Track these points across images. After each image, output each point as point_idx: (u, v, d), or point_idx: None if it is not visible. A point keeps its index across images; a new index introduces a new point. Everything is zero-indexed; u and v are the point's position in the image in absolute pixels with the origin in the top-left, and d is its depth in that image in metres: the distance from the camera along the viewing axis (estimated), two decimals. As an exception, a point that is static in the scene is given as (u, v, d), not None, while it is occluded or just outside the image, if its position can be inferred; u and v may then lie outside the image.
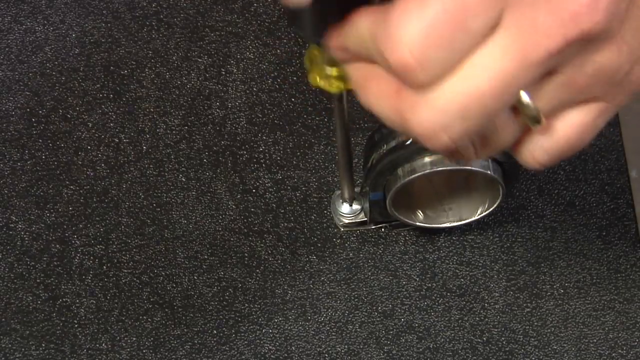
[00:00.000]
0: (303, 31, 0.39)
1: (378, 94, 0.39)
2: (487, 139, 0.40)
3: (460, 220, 0.57)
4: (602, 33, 0.36)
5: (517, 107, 0.38)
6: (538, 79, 0.37)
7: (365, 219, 0.58)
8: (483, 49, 0.36)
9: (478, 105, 0.37)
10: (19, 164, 0.60)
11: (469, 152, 0.40)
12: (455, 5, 0.35)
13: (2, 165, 0.60)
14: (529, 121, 0.39)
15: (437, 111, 0.37)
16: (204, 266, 0.58)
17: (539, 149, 0.41)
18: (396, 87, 0.38)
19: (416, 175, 0.50)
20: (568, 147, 0.40)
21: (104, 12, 0.64)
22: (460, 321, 0.57)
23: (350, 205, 0.58)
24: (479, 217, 0.56)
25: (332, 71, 0.42)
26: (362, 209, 0.58)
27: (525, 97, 0.38)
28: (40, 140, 0.61)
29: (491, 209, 0.56)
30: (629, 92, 0.40)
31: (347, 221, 0.58)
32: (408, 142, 0.50)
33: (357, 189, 0.57)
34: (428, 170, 0.50)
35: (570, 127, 0.40)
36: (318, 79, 0.42)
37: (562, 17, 0.36)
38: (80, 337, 0.57)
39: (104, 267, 0.58)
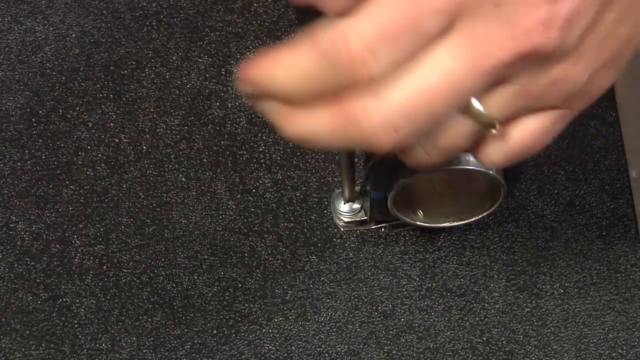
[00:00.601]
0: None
1: (314, 114, 0.38)
2: (439, 141, 0.40)
3: (461, 220, 0.57)
4: (555, 50, 0.37)
5: (469, 113, 0.39)
6: (488, 87, 0.38)
7: (365, 218, 0.58)
8: (434, 51, 0.37)
9: (425, 104, 0.37)
10: (19, 163, 0.60)
11: (419, 154, 0.41)
12: (408, 5, 0.36)
13: (2, 165, 0.60)
14: (482, 127, 0.39)
15: (385, 109, 0.37)
16: (204, 266, 0.58)
17: (495, 152, 0.41)
18: (337, 99, 0.37)
19: (418, 174, 0.50)
20: (524, 151, 0.41)
21: (104, 12, 0.64)
22: (460, 321, 0.57)
23: (351, 204, 0.58)
24: (480, 217, 0.56)
25: None
26: (361, 208, 0.58)
27: (475, 104, 0.38)
28: (40, 140, 0.61)
29: (492, 209, 0.55)
30: (588, 100, 0.40)
31: (346, 220, 0.58)
32: None
33: (357, 188, 0.57)
34: (432, 172, 0.50)
35: (526, 132, 0.41)
36: None
37: (515, 30, 0.36)
38: (80, 337, 0.57)
39: (104, 267, 0.58)
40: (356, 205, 0.58)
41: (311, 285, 0.58)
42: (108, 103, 0.62)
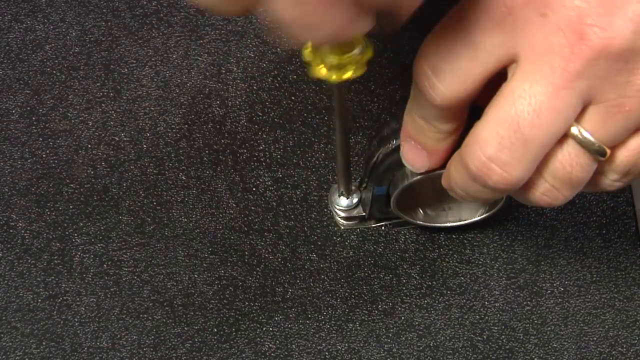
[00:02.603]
0: None
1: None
2: (567, 180, 0.42)
3: (460, 221, 0.57)
4: (624, 52, 0.37)
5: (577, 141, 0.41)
6: (578, 105, 0.39)
7: (364, 214, 0.58)
8: (514, 88, 0.40)
9: (518, 135, 0.40)
10: (19, 162, 0.60)
11: (553, 193, 0.43)
12: None
13: (2, 163, 0.60)
14: (594, 154, 0.41)
15: (479, 143, 0.41)
16: (204, 264, 0.58)
17: (611, 174, 0.42)
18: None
19: (424, 175, 0.50)
20: (634, 167, 0.42)
21: (104, 10, 0.64)
22: (460, 319, 0.57)
23: (347, 198, 0.57)
24: (479, 218, 0.56)
25: (337, 60, 0.41)
26: (359, 202, 0.57)
27: (575, 130, 0.40)
28: (41, 139, 0.61)
29: (491, 212, 0.55)
30: None
31: (343, 214, 0.58)
32: None
33: (356, 184, 0.57)
34: (437, 172, 0.50)
35: (632, 150, 0.41)
36: (323, 70, 0.42)
37: (571, 37, 0.37)
38: (80, 335, 0.57)
39: (105, 265, 0.58)
40: (355, 200, 0.57)
41: (311, 284, 0.58)
42: (108, 102, 0.62)
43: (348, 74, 0.42)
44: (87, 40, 0.63)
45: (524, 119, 0.39)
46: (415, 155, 0.47)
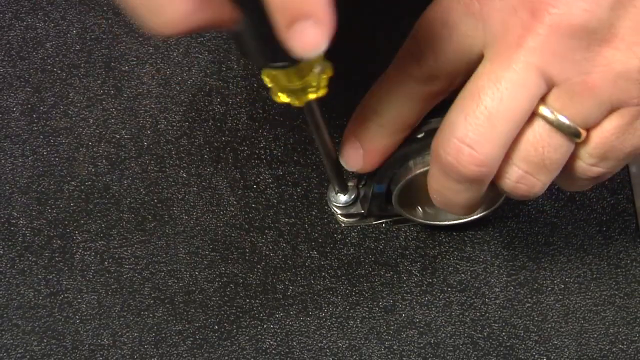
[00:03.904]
0: (256, 60, 0.38)
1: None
2: (540, 163, 0.42)
3: (460, 219, 0.57)
4: (577, 29, 0.38)
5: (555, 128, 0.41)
6: (540, 83, 0.40)
7: (362, 211, 0.57)
8: (476, 73, 0.41)
9: (481, 109, 0.41)
10: (20, 160, 0.60)
11: (528, 180, 0.43)
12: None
13: (3, 161, 0.60)
14: (570, 136, 0.41)
15: (449, 127, 0.42)
16: (205, 262, 0.58)
17: (587, 157, 0.43)
18: None
19: (423, 170, 0.50)
20: (610, 152, 0.42)
21: (104, 8, 0.64)
22: (461, 316, 0.57)
23: (344, 196, 0.57)
24: (479, 216, 0.56)
25: (294, 85, 0.41)
26: (356, 199, 0.57)
27: (543, 110, 0.41)
28: (41, 137, 0.61)
29: (491, 210, 0.55)
30: None
31: (341, 212, 0.58)
32: (420, 136, 0.50)
33: (354, 181, 0.57)
34: None
35: (605, 132, 0.42)
36: (284, 96, 0.42)
37: (524, 15, 0.39)
38: (81, 332, 0.57)
39: (105, 262, 0.58)
40: (352, 197, 0.57)
41: (312, 281, 0.58)
42: (109, 99, 0.62)
43: (309, 97, 0.41)
44: (87, 38, 0.63)
45: (484, 93, 0.40)
46: (352, 153, 0.48)
